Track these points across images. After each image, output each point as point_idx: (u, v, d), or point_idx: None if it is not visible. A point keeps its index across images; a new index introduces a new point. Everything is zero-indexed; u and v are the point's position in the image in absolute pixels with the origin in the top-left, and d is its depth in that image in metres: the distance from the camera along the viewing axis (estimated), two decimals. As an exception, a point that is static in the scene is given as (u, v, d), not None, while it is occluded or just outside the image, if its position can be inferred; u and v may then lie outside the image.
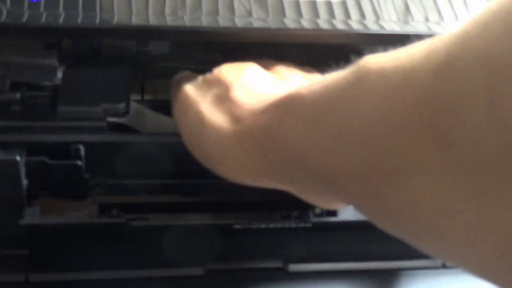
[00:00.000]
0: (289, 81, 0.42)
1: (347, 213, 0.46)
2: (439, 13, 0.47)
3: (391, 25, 0.45)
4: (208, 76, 0.42)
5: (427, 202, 0.27)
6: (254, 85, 0.40)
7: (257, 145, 0.37)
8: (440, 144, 0.25)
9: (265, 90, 0.40)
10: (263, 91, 0.39)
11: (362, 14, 0.45)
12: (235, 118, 0.38)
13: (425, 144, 0.26)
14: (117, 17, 0.42)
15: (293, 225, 0.45)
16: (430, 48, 0.27)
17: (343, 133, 0.31)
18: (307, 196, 0.40)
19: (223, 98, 0.40)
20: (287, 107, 0.35)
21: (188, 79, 0.44)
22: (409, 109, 0.27)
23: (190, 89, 0.42)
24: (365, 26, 0.44)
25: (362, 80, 0.30)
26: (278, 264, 0.46)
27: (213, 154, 0.39)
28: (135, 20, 0.42)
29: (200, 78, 0.43)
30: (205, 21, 0.43)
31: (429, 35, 0.45)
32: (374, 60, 0.30)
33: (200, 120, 0.40)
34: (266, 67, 0.44)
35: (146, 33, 0.43)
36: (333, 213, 0.46)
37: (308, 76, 0.44)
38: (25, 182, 0.41)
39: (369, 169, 0.29)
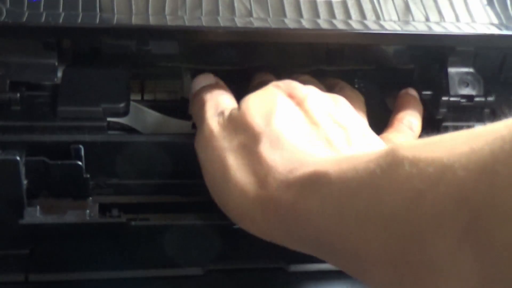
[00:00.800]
0: (319, 130, 0.40)
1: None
2: (440, 13, 0.47)
3: (392, 24, 0.45)
4: (235, 115, 0.41)
5: None
6: (284, 138, 0.38)
7: (279, 217, 0.36)
8: (477, 249, 0.25)
9: (295, 144, 0.38)
10: (291, 147, 0.38)
11: (363, 14, 0.45)
12: (260, 181, 0.37)
13: (460, 246, 0.26)
14: (117, 17, 0.42)
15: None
16: (471, 146, 0.27)
17: (371, 219, 0.30)
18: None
19: (250, 150, 0.38)
20: (314, 186, 0.34)
21: (213, 101, 0.43)
22: (445, 207, 0.27)
23: (215, 127, 0.41)
24: (365, 25, 0.44)
25: (395, 168, 0.30)
26: (278, 264, 0.46)
27: (234, 209, 0.39)
28: (135, 20, 0.42)
29: (226, 112, 0.41)
30: (205, 21, 0.43)
31: (430, 35, 0.45)
32: (408, 148, 0.30)
33: (224, 171, 0.39)
34: (293, 94, 0.42)
35: (146, 33, 0.43)
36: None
37: (338, 118, 0.41)
38: (25, 182, 0.42)
39: (396, 257, 0.29)
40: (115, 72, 0.45)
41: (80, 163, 0.42)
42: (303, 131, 0.39)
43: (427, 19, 0.46)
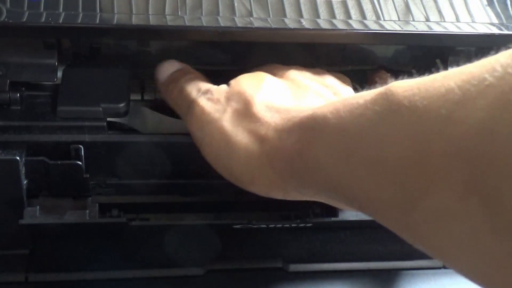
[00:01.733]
0: (307, 90, 0.42)
1: (347, 213, 0.46)
2: (440, 12, 0.47)
3: (392, 24, 0.45)
4: (225, 88, 0.42)
5: (459, 245, 0.28)
6: (275, 99, 0.40)
7: (287, 165, 0.37)
8: (484, 200, 0.26)
9: (287, 104, 0.40)
10: (284, 106, 0.39)
11: (363, 14, 0.45)
12: (261, 138, 0.38)
13: (467, 195, 0.26)
14: (117, 17, 0.42)
15: (293, 225, 0.45)
16: (467, 100, 0.27)
17: (378, 167, 0.31)
18: (339, 206, 0.41)
19: (245, 114, 0.39)
20: (315, 131, 0.35)
21: (193, 83, 0.43)
22: (448, 160, 0.27)
23: (205, 103, 0.41)
24: (365, 25, 0.44)
25: (392, 115, 0.30)
26: (278, 264, 0.46)
27: (243, 174, 0.39)
28: (135, 20, 0.42)
29: (213, 89, 0.42)
30: (205, 21, 0.43)
31: (430, 35, 0.45)
32: (402, 92, 0.30)
33: (225, 140, 0.39)
34: (278, 73, 0.44)
35: (146, 33, 0.43)
36: (333, 213, 0.46)
37: (323, 81, 0.44)
38: (25, 182, 0.42)
39: (406, 203, 0.30)
40: (115, 72, 0.45)
41: (80, 163, 0.42)
42: (293, 94, 0.41)
43: (427, 19, 0.46)
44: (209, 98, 0.41)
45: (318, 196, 0.38)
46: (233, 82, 0.42)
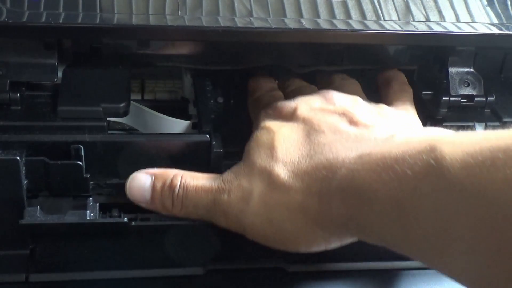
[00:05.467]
0: (323, 130, 0.41)
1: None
2: (440, 12, 0.47)
3: (392, 24, 0.45)
4: (241, 170, 0.41)
5: None
6: (295, 159, 0.40)
7: (337, 225, 0.38)
8: None
9: (310, 160, 0.39)
10: (308, 164, 0.39)
11: (363, 14, 0.45)
12: (300, 207, 0.39)
13: None
14: (117, 17, 0.42)
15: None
16: None
17: (439, 237, 0.31)
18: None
19: (273, 190, 0.39)
20: (362, 199, 0.35)
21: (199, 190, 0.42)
22: None
23: (226, 199, 0.41)
24: (365, 25, 0.44)
25: (454, 194, 0.30)
26: (278, 264, 0.46)
27: (294, 244, 0.41)
28: (135, 20, 0.42)
29: (230, 185, 0.41)
30: (205, 21, 0.42)
31: (430, 35, 0.45)
32: (459, 167, 0.30)
33: (267, 221, 0.40)
34: (284, 114, 0.43)
35: (146, 33, 0.43)
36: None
37: (334, 108, 0.43)
38: (25, 182, 0.41)
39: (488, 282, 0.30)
40: (115, 72, 0.45)
41: (80, 163, 0.42)
42: (310, 142, 0.40)
43: (427, 19, 0.46)
44: (230, 190, 0.41)
45: (370, 242, 0.38)
46: (246, 159, 0.42)
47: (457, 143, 0.31)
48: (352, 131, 0.40)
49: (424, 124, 0.47)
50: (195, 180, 0.42)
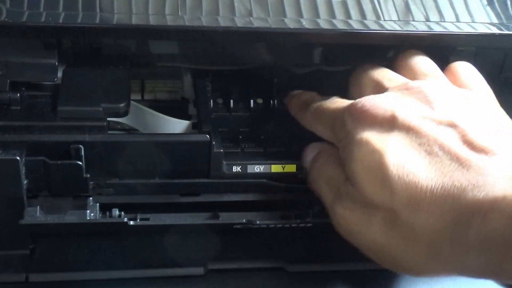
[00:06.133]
0: (429, 138, 0.36)
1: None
2: (440, 12, 0.47)
3: (392, 24, 0.45)
4: (354, 196, 0.38)
5: None
6: (411, 178, 0.35)
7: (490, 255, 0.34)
8: None
9: (430, 176, 0.35)
10: (428, 183, 0.35)
11: (363, 14, 0.45)
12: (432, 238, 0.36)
13: None
14: (117, 17, 0.42)
15: (293, 225, 0.45)
16: None
17: None
18: None
19: (395, 222, 0.36)
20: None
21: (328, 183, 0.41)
22: None
23: (344, 213, 0.39)
24: (365, 25, 0.44)
25: None
26: (278, 264, 0.46)
27: (433, 272, 0.38)
28: (135, 20, 0.42)
29: (348, 204, 0.39)
30: (205, 20, 0.42)
31: (430, 35, 0.45)
32: None
33: (391, 256, 0.38)
34: (378, 122, 0.38)
35: (146, 33, 0.43)
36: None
37: (431, 112, 0.38)
38: (25, 182, 0.42)
39: None
40: (115, 72, 0.45)
41: (80, 163, 0.42)
42: (422, 152, 0.36)
43: (427, 19, 0.46)
44: (345, 207, 0.39)
45: None
46: (354, 181, 0.37)
47: None
48: (474, 160, 0.35)
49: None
50: (329, 168, 0.41)
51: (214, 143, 0.44)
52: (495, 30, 0.46)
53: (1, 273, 0.43)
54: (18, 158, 0.40)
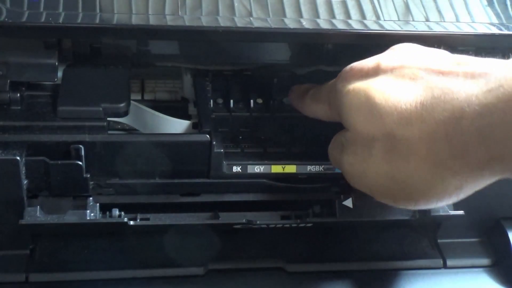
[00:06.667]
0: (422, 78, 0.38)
1: (347, 213, 0.46)
2: (440, 12, 0.47)
3: (392, 24, 0.45)
4: (353, 136, 0.39)
5: None
6: (398, 103, 0.37)
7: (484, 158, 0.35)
8: None
9: (416, 101, 0.36)
10: (415, 106, 0.36)
11: (362, 14, 0.45)
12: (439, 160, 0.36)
13: None
14: (117, 17, 0.42)
15: (293, 225, 0.45)
16: None
17: None
18: None
19: (394, 147, 0.37)
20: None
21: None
22: None
23: (350, 159, 0.40)
24: (365, 25, 0.44)
25: None
26: (278, 264, 0.46)
27: (434, 199, 0.38)
28: (135, 20, 0.42)
29: (343, 139, 0.41)
30: (205, 21, 0.42)
31: (430, 35, 0.45)
32: None
33: (393, 181, 0.38)
34: (363, 71, 0.40)
35: (146, 33, 0.43)
36: (333, 213, 0.46)
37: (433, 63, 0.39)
38: (25, 182, 0.42)
39: None
40: (115, 72, 0.45)
41: (80, 163, 0.42)
42: (412, 84, 0.38)
43: (427, 19, 0.46)
44: (348, 153, 0.40)
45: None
46: (348, 125, 0.40)
47: None
48: (460, 69, 0.37)
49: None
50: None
51: (214, 143, 0.44)
52: (495, 30, 0.46)
53: (1, 273, 0.43)
54: (18, 158, 0.40)
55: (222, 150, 0.44)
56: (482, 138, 0.34)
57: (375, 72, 0.39)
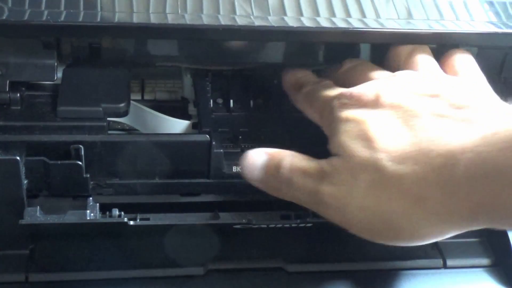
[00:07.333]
0: (419, 115, 0.38)
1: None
2: (439, 11, 0.47)
3: (392, 23, 0.45)
4: (338, 164, 0.38)
5: None
6: (397, 145, 0.37)
7: (473, 212, 0.35)
8: None
9: (415, 144, 0.36)
10: (413, 148, 0.36)
11: (363, 12, 0.45)
12: (420, 198, 0.36)
13: None
14: (118, 15, 0.42)
15: (293, 225, 0.45)
16: None
17: None
18: None
19: (381, 181, 0.37)
20: (504, 185, 0.33)
21: (297, 172, 0.40)
22: None
23: (332, 190, 0.38)
24: (365, 24, 0.44)
25: None
26: (278, 264, 0.46)
27: (416, 237, 0.38)
28: (136, 19, 0.42)
29: (328, 171, 0.39)
30: (206, 19, 0.42)
31: (430, 33, 0.45)
32: None
33: (379, 218, 0.37)
34: (369, 103, 0.39)
35: (147, 32, 0.43)
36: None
37: (423, 90, 0.39)
38: (25, 182, 0.41)
39: None
40: (115, 72, 0.45)
41: (80, 163, 0.42)
42: (408, 127, 0.38)
43: (427, 18, 0.46)
44: (331, 182, 0.38)
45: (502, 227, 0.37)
46: (341, 152, 0.39)
47: None
48: (458, 114, 0.37)
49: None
50: (301, 163, 0.40)
51: (214, 143, 0.44)
52: (495, 29, 0.46)
53: (1, 273, 0.43)
54: (18, 158, 0.40)
55: (222, 150, 0.44)
56: (473, 187, 0.34)
57: (374, 104, 0.39)
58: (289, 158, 0.41)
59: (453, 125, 0.36)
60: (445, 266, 0.48)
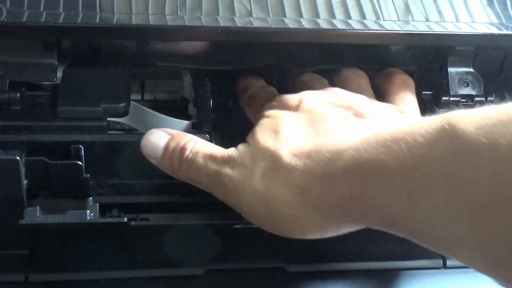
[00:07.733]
0: (327, 120, 0.41)
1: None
2: (439, 12, 0.47)
3: (391, 24, 0.45)
4: (244, 149, 0.41)
5: None
6: (299, 143, 0.39)
7: (338, 209, 0.37)
8: None
9: (314, 145, 0.39)
10: (312, 147, 0.39)
11: (362, 14, 0.45)
12: (301, 189, 0.38)
13: None
14: (117, 17, 0.42)
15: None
16: None
17: (452, 209, 0.31)
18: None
19: (275, 169, 0.39)
20: (368, 176, 0.35)
21: (202, 154, 0.42)
22: None
23: (231, 172, 0.41)
24: (365, 25, 0.44)
25: (469, 154, 0.30)
26: (278, 264, 0.46)
27: (291, 228, 0.40)
28: (135, 20, 0.42)
29: (233, 155, 0.41)
30: (205, 21, 0.43)
31: (430, 34, 0.45)
32: (474, 128, 0.30)
33: (264, 202, 0.39)
34: (289, 106, 0.43)
35: (146, 33, 0.43)
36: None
37: (339, 102, 0.43)
38: (25, 182, 0.41)
39: (487, 242, 0.30)
40: (115, 72, 0.45)
41: (80, 163, 0.42)
42: (314, 129, 0.40)
43: (427, 19, 0.46)
44: (233, 165, 0.41)
45: (370, 226, 0.38)
46: (250, 139, 0.41)
47: (471, 111, 0.31)
48: (358, 121, 0.41)
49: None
50: (206, 147, 0.42)
51: (214, 143, 0.44)
52: (495, 30, 0.46)
53: (1, 273, 0.43)
54: (18, 158, 0.40)
55: None
56: (347, 181, 0.36)
57: (295, 109, 0.42)
58: (193, 140, 0.42)
59: (351, 129, 0.40)
60: (445, 266, 0.48)
